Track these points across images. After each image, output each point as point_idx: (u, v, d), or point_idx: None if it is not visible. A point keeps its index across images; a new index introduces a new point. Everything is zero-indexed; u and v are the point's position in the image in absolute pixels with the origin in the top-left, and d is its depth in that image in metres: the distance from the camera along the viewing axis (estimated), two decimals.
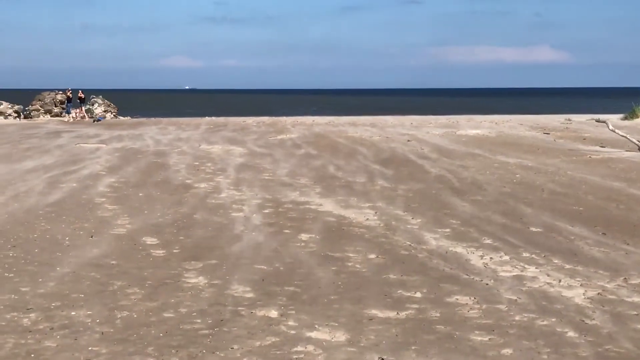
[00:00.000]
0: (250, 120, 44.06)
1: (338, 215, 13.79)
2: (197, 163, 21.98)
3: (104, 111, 47.48)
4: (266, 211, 14.12)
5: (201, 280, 9.32)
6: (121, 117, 48.29)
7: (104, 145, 27.51)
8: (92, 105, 47.72)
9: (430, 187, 17.38)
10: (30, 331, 7.39)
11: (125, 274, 9.61)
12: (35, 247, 11.07)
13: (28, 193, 16.12)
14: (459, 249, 11.09)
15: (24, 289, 8.86)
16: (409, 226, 12.80)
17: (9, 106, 46.97)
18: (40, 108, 47.29)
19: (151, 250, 10.92)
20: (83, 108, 45.18)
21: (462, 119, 44.38)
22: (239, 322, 7.69)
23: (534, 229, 12.60)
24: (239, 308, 8.17)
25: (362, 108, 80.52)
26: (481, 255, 10.69)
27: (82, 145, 27.69)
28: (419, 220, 13.34)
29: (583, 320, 7.82)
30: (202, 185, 17.55)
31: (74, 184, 17.49)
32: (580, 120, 41.46)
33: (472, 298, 8.60)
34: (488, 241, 11.66)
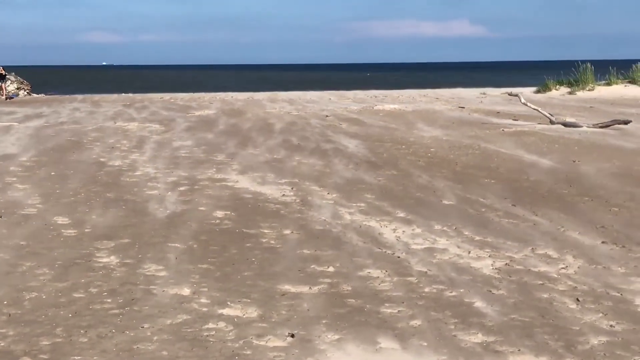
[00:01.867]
0: (168, 96, 43.57)
1: (254, 191, 13.78)
2: (112, 140, 21.66)
3: (17, 88, 46.26)
4: (181, 189, 14.03)
5: (113, 259, 9.23)
6: (35, 95, 47.18)
7: (16, 124, 26.87)
8: (5, 82, 46.42)
9: (347, 162, 17.50)
10: None
11: (35, 254, 9.44)
12: None
13: None
14: (372, 223, 11.21)
15: None
16: (324, 201, 12.88)
17: None
18: None
19: (62, 230, 10.74)
20: (4, 85, 43.84)
21: (380, 93, 44.72)
22: (150, 300, 7.65)
23: (446, 202, 12.82)
24: (151, 287, 8.12)
25: (283, 83, 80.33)
26: (394, 229, 10.83)
27: None
28: (334, 195, 13.43)
29: (490, 291, 8.01)
30: (117, 163, 17.32)
31: None
32: (495, 94, 42.22)
33: (384, 271, 8.72)
34: (401, 215, 11.82)
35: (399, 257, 9.35)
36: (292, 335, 6.67)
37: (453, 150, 19.28)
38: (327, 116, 29.63)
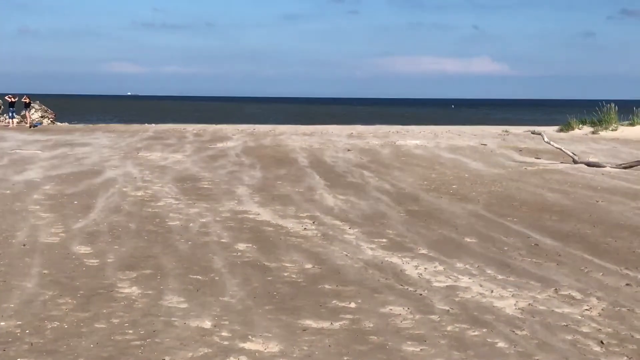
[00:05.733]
0: (191, 127, 43.82)
1: (275, 224, 13.78)
2: (134, 171, 21.78)
3: (41, 117, 46.69)
4: (203, 220, 14.05)
5: (134, 290, 9.24)
6: (59, 123, 47.59)
7: (40, 152, 27.09)
8: (29, 110, 46.87)
9: (368, 196, 17.49)
10: None
11: (57, 283, 9.47)
12: None
13: None
14: (395, 259, 11.17)
15: None
16: (346, 236, 12.86)
17: None
18: None
19: (84, 260, 10.78)
20: (28, 113, 44.23)
21: (402, 129, 44.76)
22: (172, 332, 7.64)
23: (468, 239, 12.76)
24: (172, 319, 8.11)
25: (304, 116, 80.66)
26: (416, 266, 10.79)
27: (17, 151, 27.22)
28: (356, 230, 13.41)
29: (513, 331, 7.94)
30: (139, 193, 17.40)
31: (7, 192, 17.18)
32: (517, 131, 42.14)
33: (406, 308, 8.67)
34: (423, 251, 11.77)
35: (421, 294, 9.30)
36: None
37: (475, 187, 19.23)
38: (348, 150, 29.67)
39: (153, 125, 46.87)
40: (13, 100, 43.58)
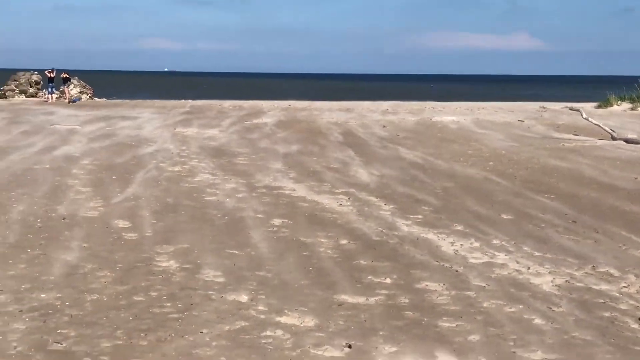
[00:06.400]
0: (227, 103, 43.92)
1: (311, 200, 13.82)
2: (171, 146, 21.91)
3: (80, 92, 47.09)
4: (239, 195, 14.13)
5: (172, 264, 9.33)
6: (97, 99, 47.95)
7: (79, 127, 27.35)
8: (68, 86, 47.29)
9: (404, 173, 17.45)
10: None
11: (97, 257, 9.59)
12: (5, 229, 11.01)
13: (1, 172, 16.01)
14: (430, 236, 11.16)
15: None
16: (381, 212, 12.86)
17: None
18: (15, 88, 46.85)
19: (123, 233, 10.90)
20: (67, 88, 44.62)
21: (437, 105, 44.48)
22: (209, 306, 7.72)
23: (505, 216, 12.69)
24: (209, 292, 8.19)
25: (338, 93, 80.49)
26: (452, 242, 10.77)
27: (56, 126, 27.50)
28: (392, 206, 13.40)
29: (550, 308, 7.91)
30: (177, 168, 17.52)
31: (47, 166, 17.39)
32: (555, 108, 41.69)
33: (442, 284, 8.67)
34: (459, 228, 11.74)
35: (457, 270, 9.29)
36: (350, 346, 6.66)
37: (512, 164, 19.10)
38: (383, 126, 29.58)
39: (190, 101, 47.03)
40: (52, 75, 43.95)
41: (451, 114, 36.10)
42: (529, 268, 9.45)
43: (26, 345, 6.56)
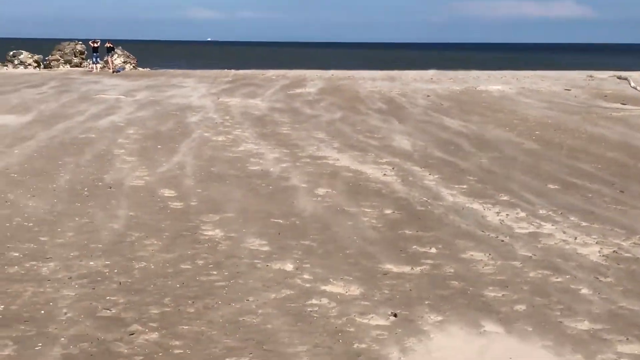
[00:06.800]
0: (270, 73, 43.92)
1: (355, 170, 13.80)
2: (215, 116, 21.99)
3: (124, 62, 47.40)
4: (283, 165, 14.16)
5: (218, 232, 9.40)
6: (140, 69, 48.23)
7: (123, 97, 27.56)
8: (112, 56, 47.61)
9: (448, 142, 17.34)
10: (49, 280, 7.51)
11: (143, 225, 9.70)
12: (54, 197, 11.17)
13: (49, 141, 16.22)
14: (475, 205, 11.10)
15: (42, 239, 8.97)
16: (425, 182, 12.81)
17: (29, 56, 47.04)
18: (60, 58, 47.28)
19: (168, 202, 11.00)
20: (111, 58, 44.93)
21: (482, 74, 44.02)
22: (254, 274, 7.77)
23: (551, 186, 12.57)
24: (255, 261, 8.24)
25: (381, 62, 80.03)
26: (497, 212, 10.70)
27: (101, 95, 27.74)
28: (436, 176, 13.34)
29: (597, 278, 7.84)
30: (220, 138, 17.59)
31: (93, 135, 17.57)
32: (602, 77, 41.05)
33: (487, 254, 8.63)
34: (505, 198, 11.66)
35: (502, 240, 9.23)
36: (395, 315, 6.67)
37: (558, 134, 18.88)
38: (428, 95, 29.38)
39: (233, 70, 47.10)
40: (96, 45, 44.26)
41: (496, 83, 35.73)
42: (575, 238, 9.36)
43: (76, 311, 6.68)
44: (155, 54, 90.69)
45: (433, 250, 8.81)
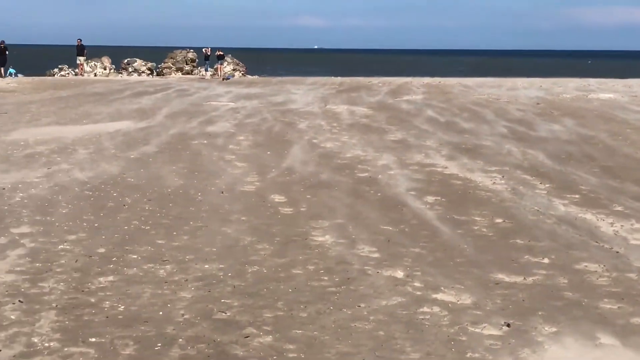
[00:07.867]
0: (376, 80, 43.98)
1: (464, 178, 13.72)
2: (323, 122, 22.18)
3: (233, 70, 48.30)
4: (391, 172, 14.19)
5: (328, 238, 9.51)
6: (249, 76, 49.05)
7: (233, 103, 28.08)
8: (222, 63, 48.60)
9: (560, 151, 17.03)
10: (166, 282, 7.75)
11: (255, 229, 9.89)
12: (169, 202, 11.50)
13: (163, 146, 16.69)
14: (588, 216, 10.88)
15: (159, 242, 9.26)
16: (536, 191, 12.63)
17: (143, 63, 48.52)
18: (172, 65, 48.56)
19: (279, 208, 11.18)
20: (221, 66, 45.88)
21: (594, 82, 43.03)
22: (366, 281, 7.83)
23: None
24: (365, 267, 8.30)
25: (488, 69, 79.12)
26: (611, 223, 10.46)
27: (212, 103, 28.35)
28: (547, 185, 13.13)
29: None
30: (328, 144, 17.74)
31: (205, 141, 17.98)
32: None
33: (602, 266, 8.46)
34: (619, 208, 11.39)
35: (617, 252, 9.03)
36: (508, 325, 6.62)
37: None
38: (538, 103, 28.88)
39: (339, 78, 47.39)
40: (208, 53, 45.32)
41: (609, 91, 34.85)
42: None
43: (193, 313, 6.87)
44: (263, 61, 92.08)
45: (546, 260, 8.69)
